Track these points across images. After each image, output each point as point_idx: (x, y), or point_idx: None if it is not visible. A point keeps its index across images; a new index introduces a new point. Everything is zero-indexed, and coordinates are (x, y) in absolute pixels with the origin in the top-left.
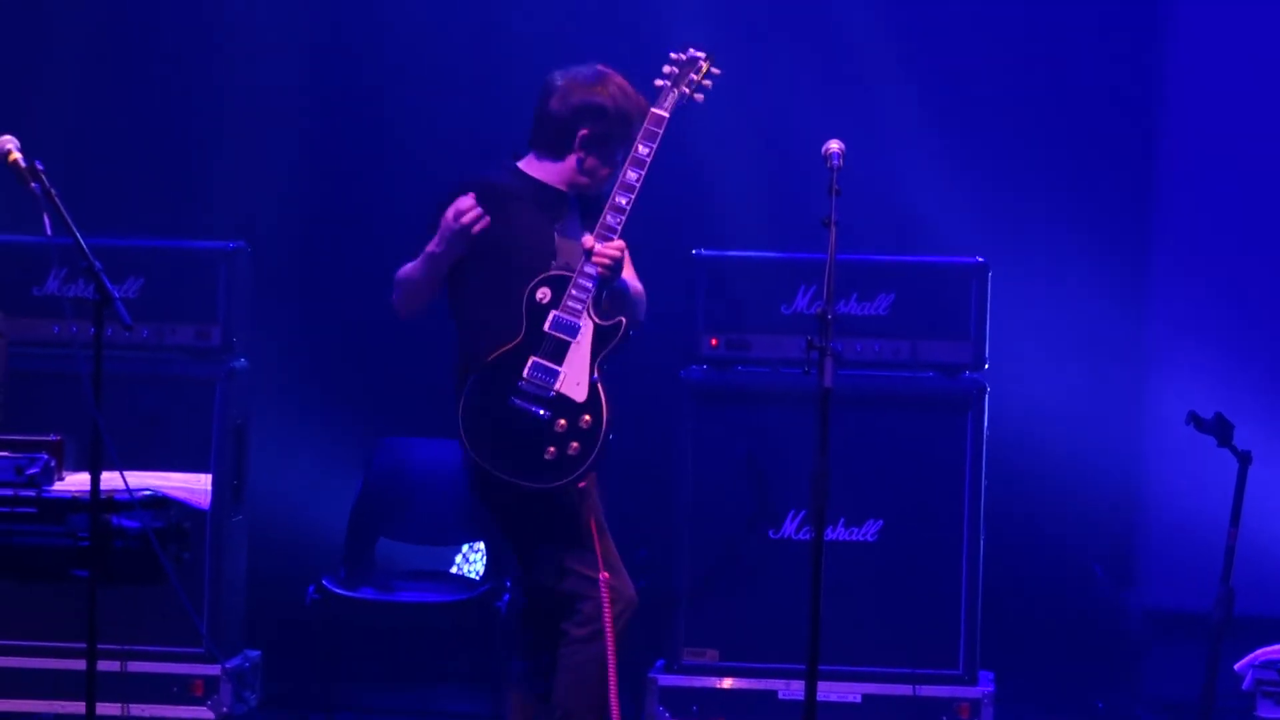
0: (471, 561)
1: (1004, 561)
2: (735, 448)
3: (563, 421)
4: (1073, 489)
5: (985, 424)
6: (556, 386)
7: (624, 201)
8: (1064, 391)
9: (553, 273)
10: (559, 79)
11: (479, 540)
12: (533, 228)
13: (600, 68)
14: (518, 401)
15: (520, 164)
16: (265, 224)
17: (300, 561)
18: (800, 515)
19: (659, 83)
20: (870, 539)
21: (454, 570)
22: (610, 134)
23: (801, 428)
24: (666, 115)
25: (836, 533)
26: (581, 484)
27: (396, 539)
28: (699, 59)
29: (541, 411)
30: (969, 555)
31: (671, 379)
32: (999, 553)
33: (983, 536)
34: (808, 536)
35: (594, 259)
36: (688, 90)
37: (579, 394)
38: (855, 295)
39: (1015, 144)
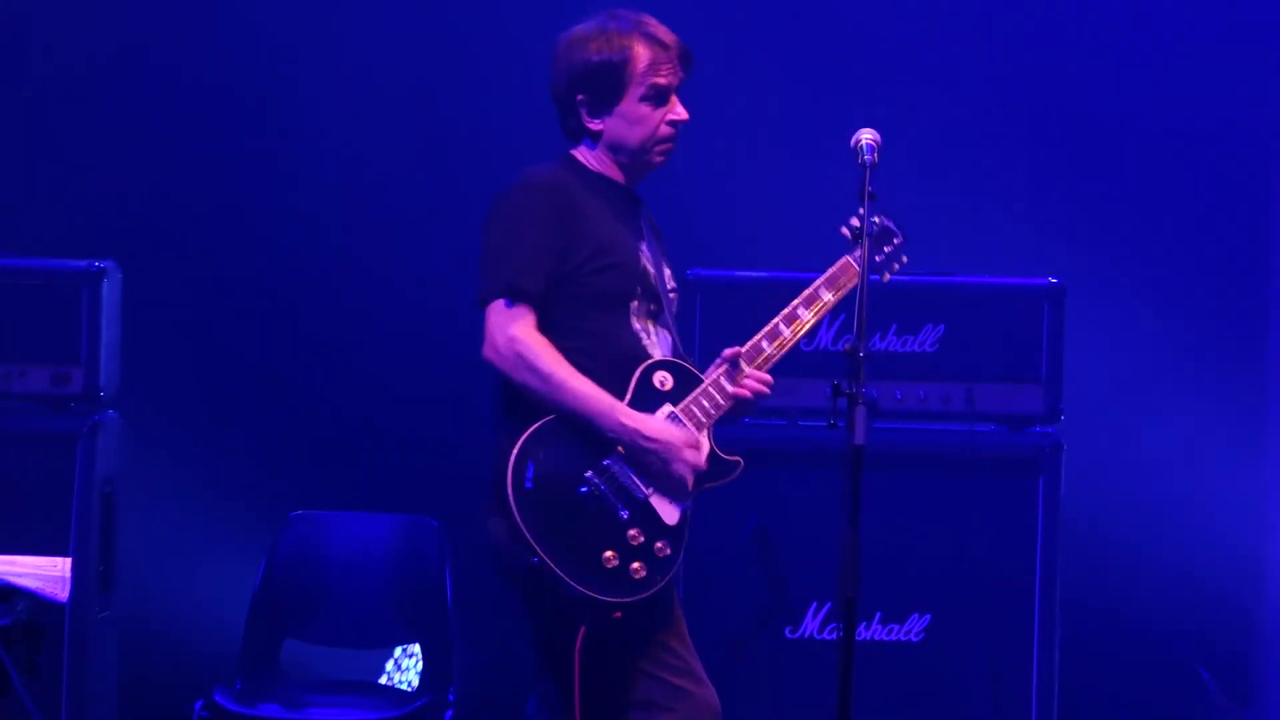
0: (404, 669)
1: (1084, 666)
2: (741, 521)
3: (637, 533)
4: (1173, 576)
5: (1061, 491)
6: (650, 493)
7: (786, 331)
8: (1162, 451)
9: (680, 361)
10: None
11: (413, 642)
12: (617, 241)
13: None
14: (596, 482)
15: (576, 154)
16: (141, 238)
17: (185, 668)
18: (825, 608)
19: (845, 231)
20: (914, 638)
21: (383, 681)
22: (609, 80)
23: (826, 496)
24: (859, 274)
25: (871, 630)
26: (617, 614)
27: (309, 640)
28: (894, 232)
29: (623, 511)
30: (1041, 660)
31: None
32: (1078, 656)
33: (1058, 635)
34: (835, 636)
35: (742, 383)
36: (879, 259)
37: (670, 515)
38: (895, 327)
39: (1099, 149)
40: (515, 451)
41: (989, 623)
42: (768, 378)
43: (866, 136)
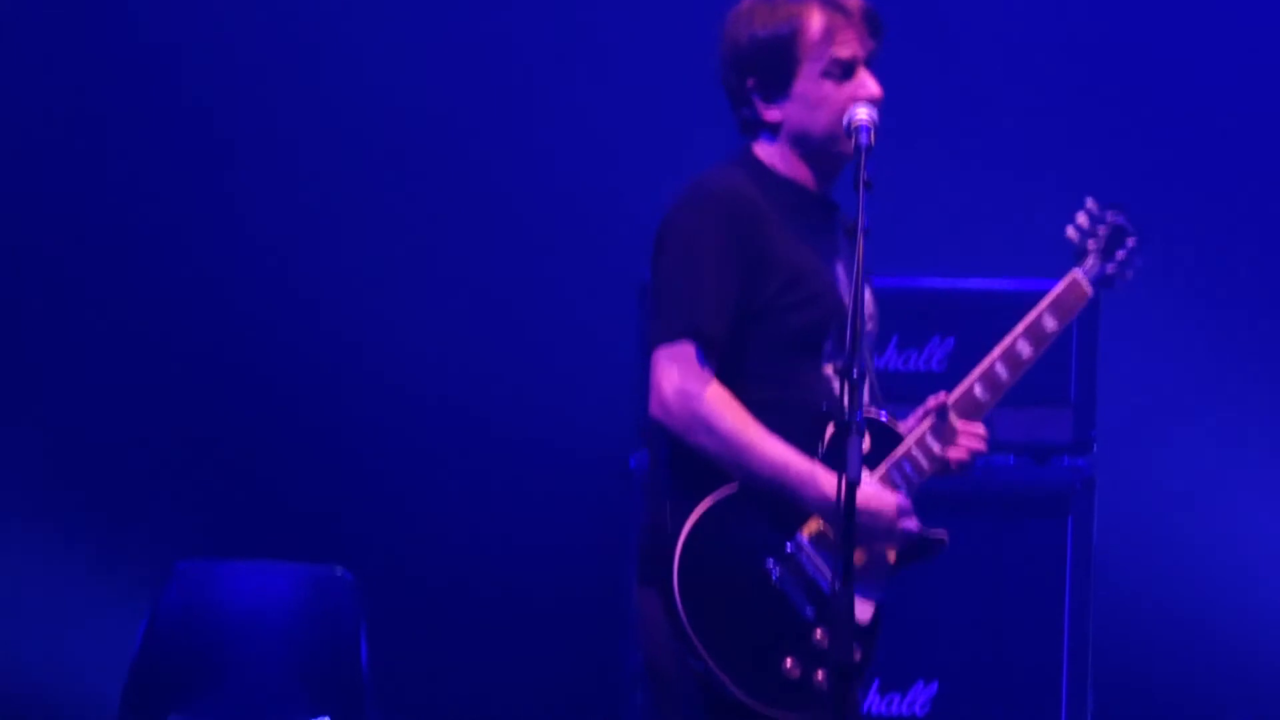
0: None
1: None
2: None
3: (823, 635)
4: (1219, 630)
5: (1094, 534)
6: (838, 584)
7: (1005, 375)
8: (1210, 487)
9: (876, 417)
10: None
11: (322, 716)
12: (811, 268)
13: None
14: (780, 574)
15: (758, 150)
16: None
17: None
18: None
19: (1071, 234)
20: (919, 711)
21: None
22: (778, 57)
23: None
24: (1090, 293)
25: (869, 702)
26: None
27: (197, 715)
28: (1128, 231)
29: (808, 608)
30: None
31: (619, 469)
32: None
33: (1090, 706)
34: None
35: (957, 443)
36: (1111, 270)
37: (862, 611)
38: (896, 340)
39: (1137, 137)
40: (688, 528)
41: (1008, 693)
42: (983, 430)
43: (862, 114)
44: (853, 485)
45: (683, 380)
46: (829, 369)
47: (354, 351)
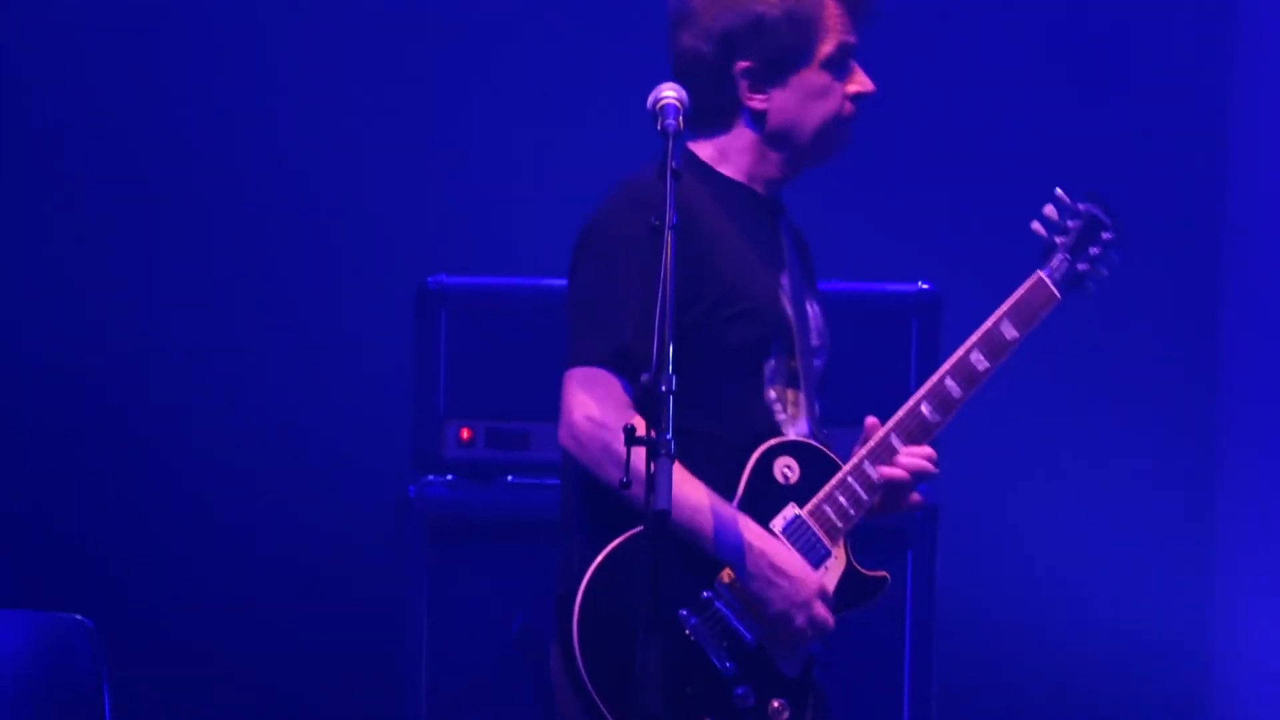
0: None
1: None
2: (501, 615)
3: (746, 693)
4: (1085, 678)
5: (936, 570)
6: (761, 634)
7: (956, 392)
8: (1071, 515)
9: (813, 443)
10: None
11: None
12: (751, 278)
13: None
14: (695, 623)
15: (696, 149)
16: None
17: None
18: None
19: (1038, 228)
20: None
21: None
22: (793, 41)
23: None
24: (1059, 298)
25: None
26: None
27: None
28: (1104, 223)
29: (728, 665)
30: None
31: (395, 498)
32: None
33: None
34: None
35: (895, 461)
36: (1083, 268)
37: (788, 663)
38: None
39: (983, 132)
40: (590, 573)
41: None
42: (930, 451)
43: (669, 95)
44: (661, 515)
45: (598, 409)
46: (772, 393)
47: (91, 370)
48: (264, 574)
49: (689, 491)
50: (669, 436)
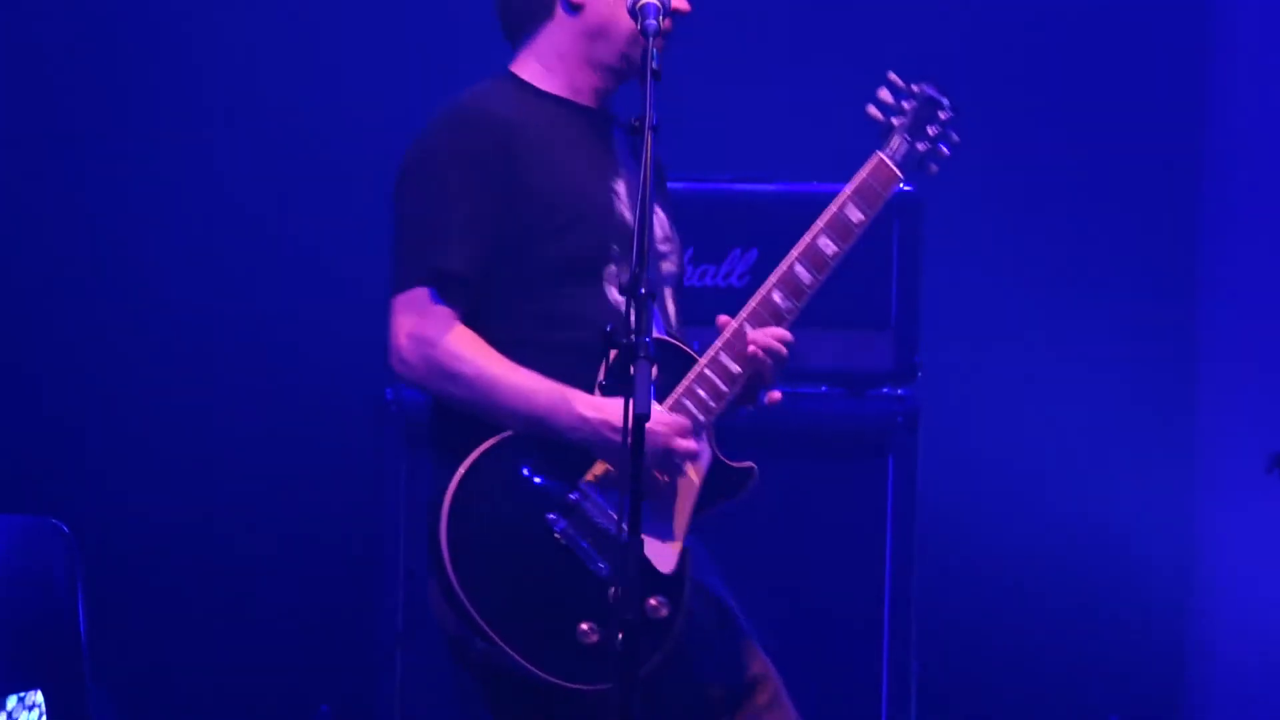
0: None
1: (947, 707)
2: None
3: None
4: (1072, 585)
5: (918, 476)
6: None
7: (806, 278)
8: (1055, 420)
9: (668, 339)
10: None
11: (32, 689)
12: (580, 188)
13: None
14: (563, 526)
15: (517, 69)
16: None
17: None
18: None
19: (874, 112)
20: None
21: None
22: None
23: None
24: (900, 176)
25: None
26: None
27: None
28: (939, 103)
29: (600, 564)
30: (892, 704)
31: (374, 401)
32: (939, 694)
33: (915, 664)
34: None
35: (753, 340)
36: (923, 148)
37: (663, 560)
38: (691, 252)
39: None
40: (452, 490)
41: (821, 657)
42: (785, 334)
43: None
44: (641, 418)
45: (416, 326)
46: (615, 293)
47: (73, 276)
48: (242, 477)
49: (517, 380)
50: (648, 339)
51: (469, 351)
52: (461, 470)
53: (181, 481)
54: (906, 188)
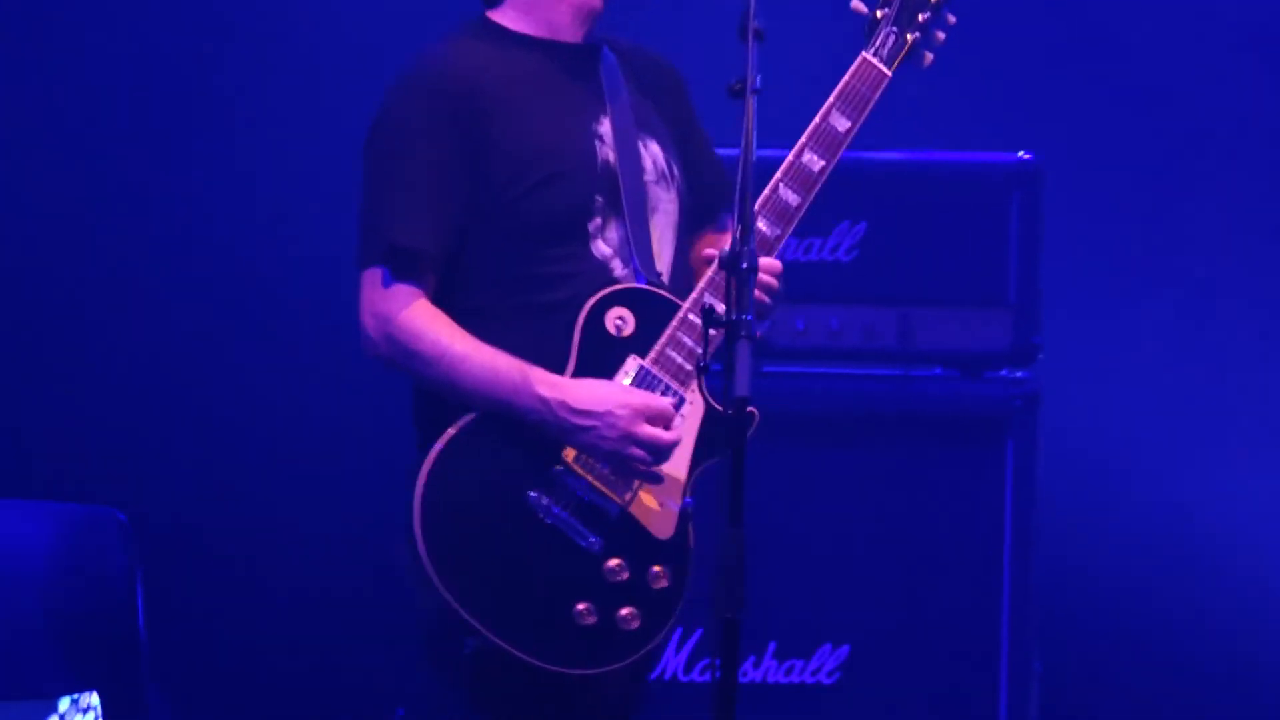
0: None
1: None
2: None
3: (619, 564)
4: (1207, 583)
5: (1038, 462)
6: (626, 499)
7: (793, 199)
8: (1183, 405)
9: (648, 288)
10: None
11: (89, 690)
12: (555, 140)
13: None
14: (546, 503)
15: (494, 14)
16: None
17: None
18: (693, 639)
19: (857, 5)
20: (826, 680)
21: None
22: None
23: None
24: (889, 75)
25: (763, 670)
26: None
27: None
28: None
29: (592, 541)
30: (1011, 707)
31: None
32: (1064, 696)
33: (1038, 665)
34: (708, 677)
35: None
36: (914, 37)
37: (660, 525)
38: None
39: None
40: (425, 473)
41: (935, 656)
42: (775, 264)
43: None
44: (743, 402)
45: (378, 304)
46: (605, 249)
47: (124, 260)
48: (321, 471)
49: (478, 358)
50: (749, 317)
51: (429, 329)
52: (437, 448)
53: (253, 473)
54: (1025, 156)
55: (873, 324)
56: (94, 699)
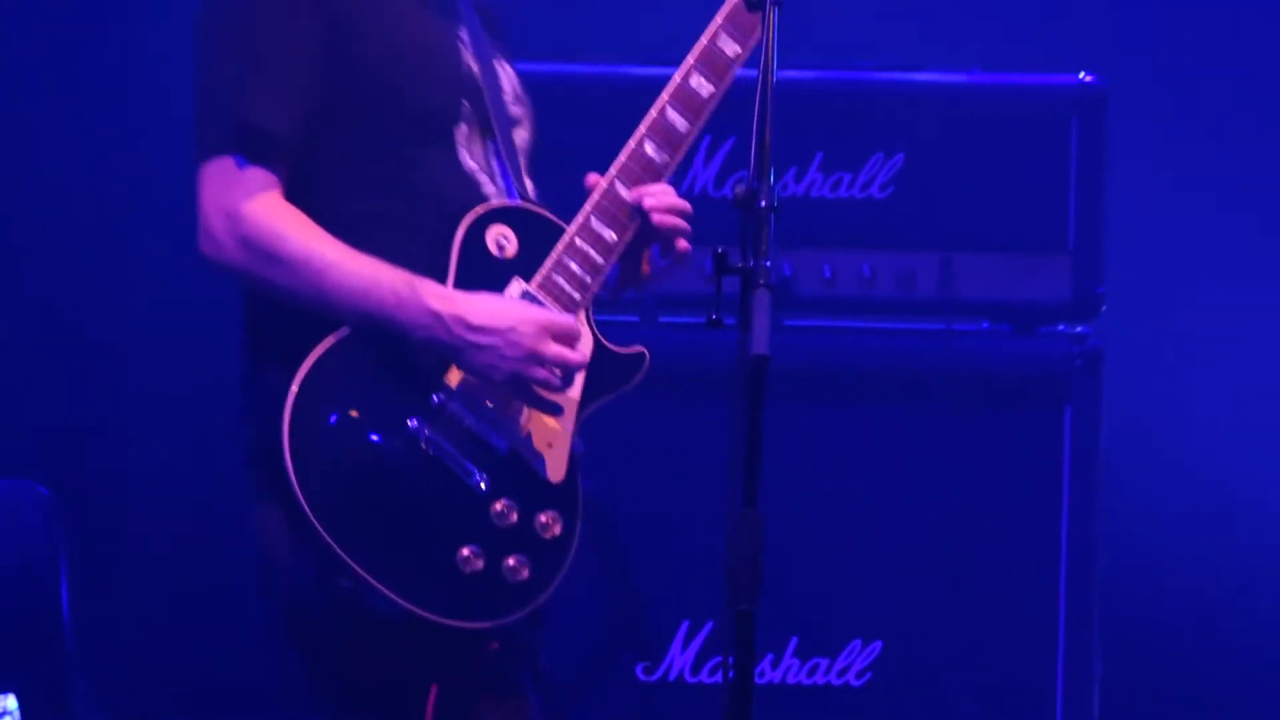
0: None
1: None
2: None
3: (506, 505)
4: (1262, 553)
5: (1101, 428)
6: (514, 434)
7: (682, 124)
8: (1270, 360)
9: (528, 207)
10: None
11: (5, 692)
12: (421, 35)
13: None
14: (427, 434)
15: None
16: None
17: None
18: (703, 633)
19: None
20: (854, 682)
21: None
22: None
23: (705, 440)
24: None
25: (782, 670)
26: (494, 645)
27: None
28: None
29: (478, 479)
30: (1068, 703)
31: None
32: (1125, 687)
33: (1098, 660)
34: (716, 678)
35: (639, 200)
36: None
37: (551, 466)
38: (820, 157)
39: None
40: (290, 405)
41: (980, 652)
42: (671, 190)
43: None
44: (762, 360)
45: (227, 199)
46: (471, 162)
47: (48, 236)
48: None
49: (353, 266)
50: (768, 263)
51: (293, 230)
52: (300, 375)
53: (193, 447)
54: (1087, 78)
55: (911, 271)
56: (10, 702)
